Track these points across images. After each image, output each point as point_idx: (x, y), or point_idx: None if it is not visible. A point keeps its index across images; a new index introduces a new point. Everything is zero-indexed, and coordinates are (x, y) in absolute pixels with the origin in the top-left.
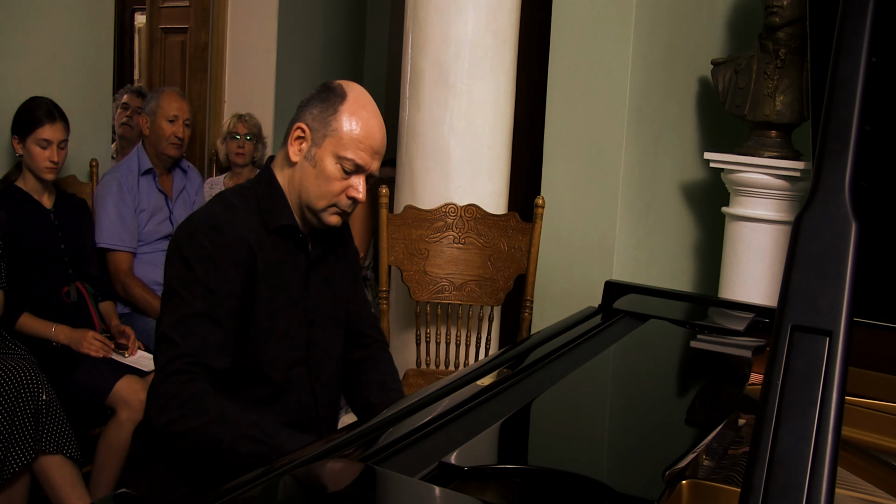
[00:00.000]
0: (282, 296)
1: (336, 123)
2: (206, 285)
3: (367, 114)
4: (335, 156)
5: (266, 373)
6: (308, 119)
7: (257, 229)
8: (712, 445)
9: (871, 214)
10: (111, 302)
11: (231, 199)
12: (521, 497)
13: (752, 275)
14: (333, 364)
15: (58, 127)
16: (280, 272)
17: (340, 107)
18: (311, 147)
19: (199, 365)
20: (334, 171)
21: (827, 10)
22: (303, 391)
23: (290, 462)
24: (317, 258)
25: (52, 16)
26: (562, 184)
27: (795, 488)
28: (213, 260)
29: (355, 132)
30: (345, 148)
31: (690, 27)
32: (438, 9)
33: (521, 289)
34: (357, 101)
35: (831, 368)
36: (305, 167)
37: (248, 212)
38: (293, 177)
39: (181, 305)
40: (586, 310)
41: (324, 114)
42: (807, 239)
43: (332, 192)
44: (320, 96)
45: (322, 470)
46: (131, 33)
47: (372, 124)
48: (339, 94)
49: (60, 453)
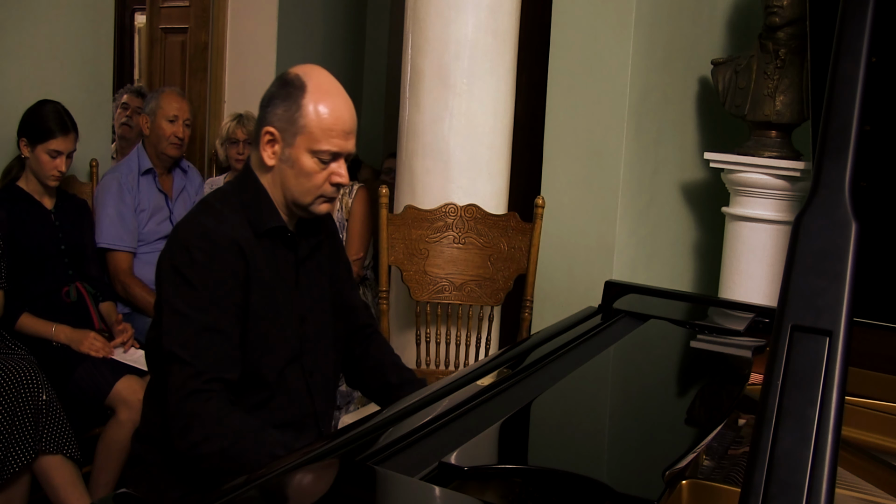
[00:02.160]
0: (273, 297)
1: (303, 119)
2: (207, 298)
3: (331, 98)
4: (310, 151)
5: (262, 374)
6: (274, 121)
7: (245, 233)
8: (712, 445)
9: (871, 214)
10: (111, 302)
11: (216, 206)
12: (521, 497)
13: (752, 275)
14: (327, 359)
15: (69, 139)
16: (271, 274)
17: (303, 100)
18: (283, 148)
19: (216, 381)
20: (313, 166)
21: (827, 10)
22: (298, 389)
23: (290, 462)
24: (305, 255)
25: (52, 16)
26: (562, 184)
27: (795, 488)
28: (209, 271)
29: (324, 122)
30: (317, 141)
31: (690, 27)
32: (438, 9)
33: (521, 289)
34: (318, 88)
35: (831, 368)
36: (283, 169)
37: (234, 216)
38: (274, 179)
39: (186, 322)
40: (586, 310)
41: (288, 112)
42: (807, 239)
43: (315, 185)
44: (281, 93)
45: (322, 470)
46: (131, 33)
47: (338, 107)
48: (299, 87)
49: (60, 453)
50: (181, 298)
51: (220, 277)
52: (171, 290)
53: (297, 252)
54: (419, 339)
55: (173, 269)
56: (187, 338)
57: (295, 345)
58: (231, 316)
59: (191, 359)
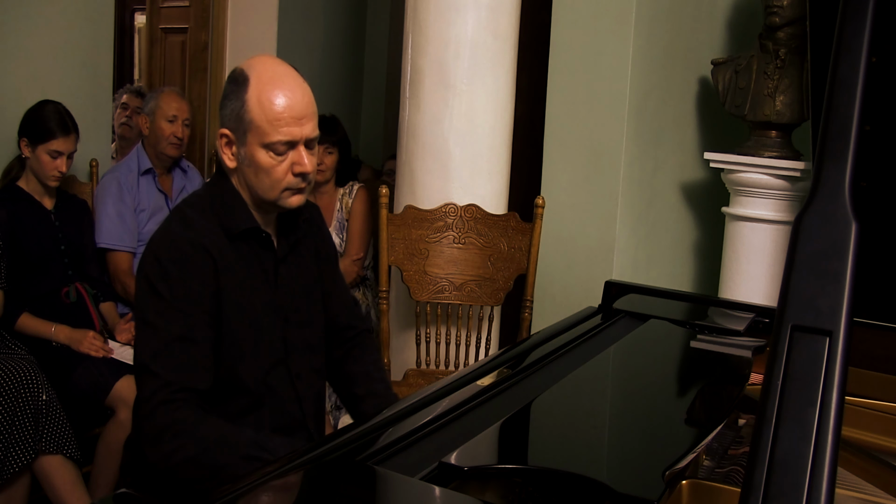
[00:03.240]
0: (252, 301)
1: (248, 115)
2: (176, 307)
3: (275, 86)
4: (262, 146)
5: (241, 380)
6: (226, 121)
7: (216, 237)
8: (712, 445)
9: (871, 214)
10: (111, 302)
11: (187, 213)
12: (521, 497)
13: (752, 275)
14: (313, 358)
15: (70, 139)
16: (247, 276)
17: (246, 95)
18: (238, 148)
19: (184, 391)
20: (269, 161)
21: (827, 10)
22: (285, 392)
23: (290, 462)
24: (284, 253)
25: (52, 16)
26: (562, 184)
27: (795, 488)
28: (177, 279)
29: (270, 113)
30: (267, 134)
31: (690, 27)
32: (438, 9)
33: (521, 289)
34: (260, 79)
35: (831, 368)
36: (243, 169)
37: (206, 222)
38: (239, 180)
39: (155, 333)
40: (586, 310)
41: (235, 110)
42: (807, 239)
43: (277, 179)
44: (227, 92)
45: (322, 470)
46: (131, 33)
47: (284, 94)
48: (242, 82)
49: (60, 453)
50: (151, 309)
51: (189, 285)
52: (142, 301)
53: (275, 252)
54: (419, 339)
55: (144, 278)
56: (156, 349)
57: (279, 347)
58: (201, 324)
59: (159, 370)
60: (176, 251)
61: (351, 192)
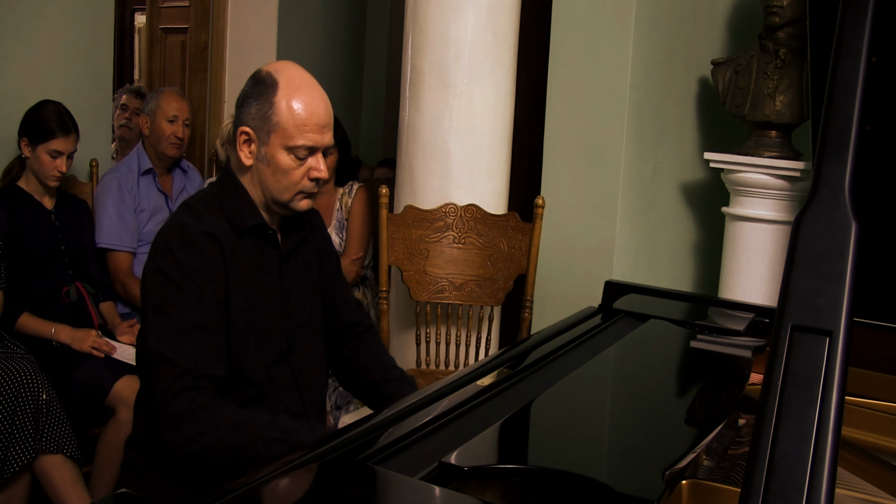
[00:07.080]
0: (257, 295)
1: (276, 117)
2: (190, 296)
3: (303, 93)
4: (285, 148)
5: (246, 372)
6: (248, 120)
7: (226, 232)
8: (712, 445)
9: (871, 214)
10: (111, 302)
11: (196, 207)
12: (521, 497)
13: (752, 275)
14: (316, 356)
15: (71, 139)
16: (253, 272)
17: (275, 98)
18: (259, 147)
19: (203, 377)
20: (290, 163)
21: (827, 10)
22: (287, 388)
23: (290, 461)
24: (289, 251)
25: (52, 16)
26: (562, 184)
27: (795, 488)
28: (191, 269)
29: (297, 118)
30: (292, 137)
31: (690, 27)
32: (438, 9)
33: (521, 289)
34: (289, 84)
35: (831, 368)
36: (260, 168)
37: (213, 216)
38: (252, 179)
39: (170, 321)
40: (586, 310)
41: (261, 110)
42: (807, 239)
43: (294, 181)
44: (253, 92)
45: (322, 470)
46: (131, 33)
47: (311, 102)
48: (271, 84)
49: (60, 453)
50: (165, 298)
51: (202, 273)
52: (155, 291)
53: (279, 249)
54: (419, 339)
55: (156, 270)
56: (173, 337)
57: (282, 343)
58: (215, 312)
59: (178, 358)
60: (187, 240)
61: (350, 191)
